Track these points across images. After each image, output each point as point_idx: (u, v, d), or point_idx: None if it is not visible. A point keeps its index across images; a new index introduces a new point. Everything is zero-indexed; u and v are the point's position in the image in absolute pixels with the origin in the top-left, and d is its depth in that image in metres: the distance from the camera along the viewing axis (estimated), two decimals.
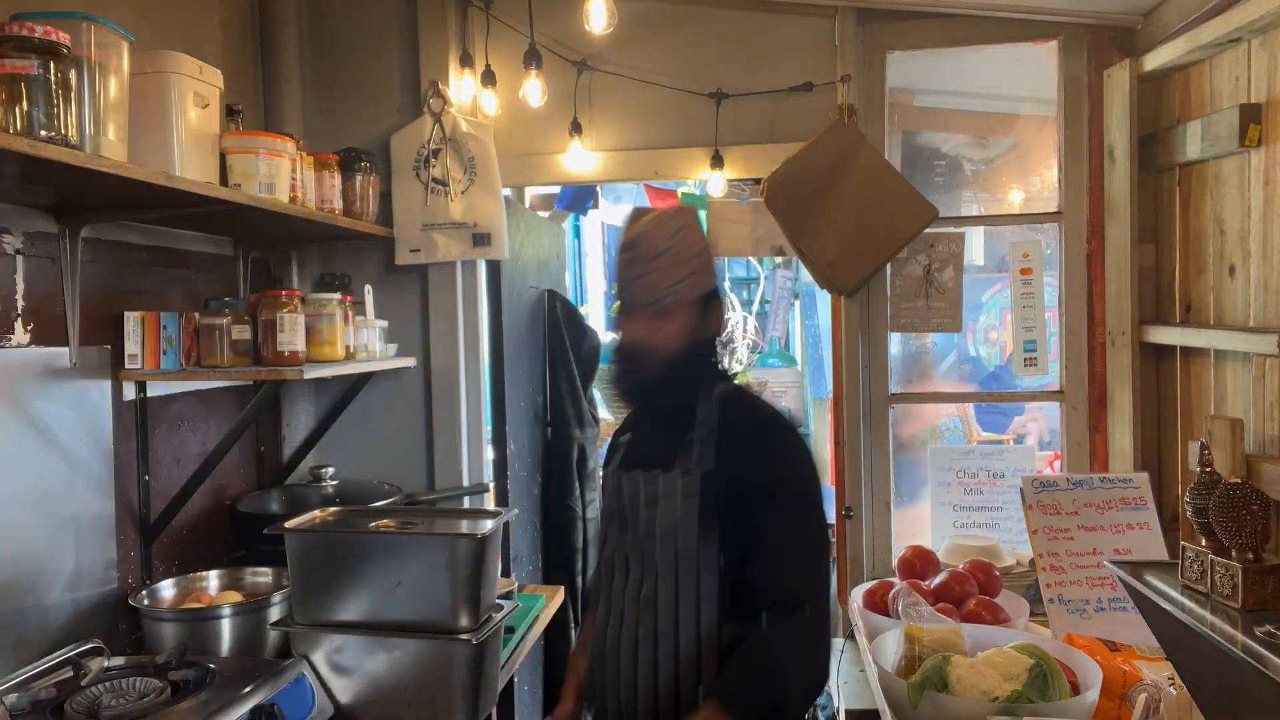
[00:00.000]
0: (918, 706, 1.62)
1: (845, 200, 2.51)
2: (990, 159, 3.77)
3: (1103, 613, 2.04)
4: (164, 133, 1.84)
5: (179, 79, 1.87)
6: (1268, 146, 1.83)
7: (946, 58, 2.76)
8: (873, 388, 2.65)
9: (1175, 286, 2.27)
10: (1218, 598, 1.26)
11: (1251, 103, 1.86)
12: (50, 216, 1.87)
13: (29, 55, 1.38)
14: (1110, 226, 2.46)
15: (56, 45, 1.41)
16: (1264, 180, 1.84)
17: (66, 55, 1.44)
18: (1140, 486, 2.15)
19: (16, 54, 1.38)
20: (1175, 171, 2.24)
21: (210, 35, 2.47)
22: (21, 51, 1.38)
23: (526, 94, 2.54)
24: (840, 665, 2.35)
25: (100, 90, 1.57)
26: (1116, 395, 2.44)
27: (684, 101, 2.69)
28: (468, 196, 2.70)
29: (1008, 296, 2.80)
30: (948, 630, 1.83)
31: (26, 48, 1.38)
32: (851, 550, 2.67)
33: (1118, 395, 2.43)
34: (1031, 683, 1.61)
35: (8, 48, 1.38)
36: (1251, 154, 1.88)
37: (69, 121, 1.45)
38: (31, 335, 1.85)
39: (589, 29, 2.23)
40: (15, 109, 1.38)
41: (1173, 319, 2.27)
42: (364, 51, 2.80)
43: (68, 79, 1.44)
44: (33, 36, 1.38)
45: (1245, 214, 1.91)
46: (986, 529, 2.56)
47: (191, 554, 2.31)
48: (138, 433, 2.13)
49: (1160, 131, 2.29)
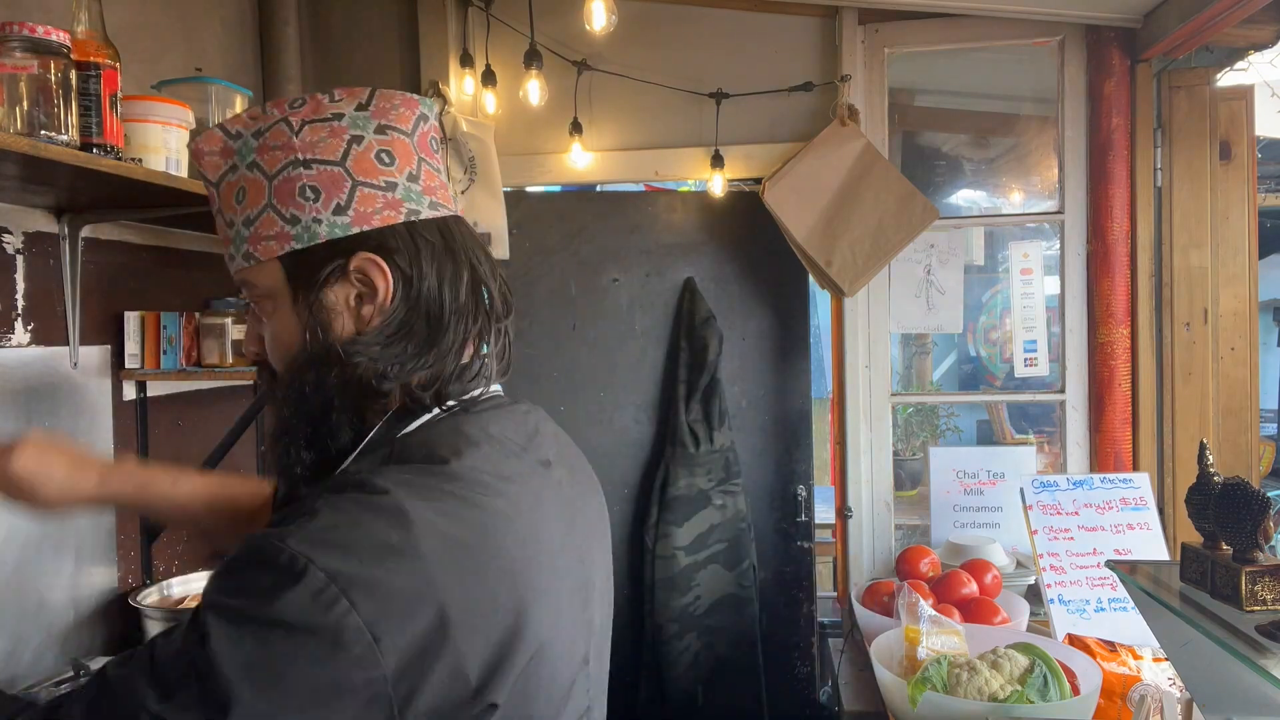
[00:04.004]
0: (918, 706, 1.62)
1: (845, 201, 2.51)
2: (990, 159, 3.78)
3: (1103, 613, 2.04)
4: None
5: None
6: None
7: (946, 58, 2.76)
8: (873, 388, 2.65)
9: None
10: (1218, 598, 1.26)
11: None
12: (50, 216, 1.87)
13: (29, 55, 1.38)
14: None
15: (57, 45, 1.41)
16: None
17: (67, 55, 1.44)
18: (1140, 486, 2.15)
19: (17, 54, 1.38)
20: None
21: (210, 35, 2.47)
22: (22, 51, 1.38)
23: (526, 94, 2.54)
24: (840, 665, 2.35)
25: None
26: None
27: (684, 101, 2.69)
28: (468, 196, 2.70)
29: (1008, 296, 2.80)
30: (948, 630, 1.83)
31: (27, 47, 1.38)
32: (852, 550, 2.67)
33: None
34: (1031, 683, 1.61)
35: (8, 47, 1.38)
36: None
37: (69, 121, 1.45)
38: (31, 335, 1.85)
39: (589, 28, 2.23)
40: (16, 109, 1.38)
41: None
42: (364, 51, 2.80)
43: (68, 79, 1.44)
44: (34, 36, 1.38)
45: None
46: (986, 529, 2.57)
47: (192, 554, 2.31)
48: (138, 433, 2.13)
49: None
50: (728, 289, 2.84)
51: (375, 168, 0.89)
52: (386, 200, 0.89)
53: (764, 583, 2.82)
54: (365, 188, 0.88)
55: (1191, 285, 2.48)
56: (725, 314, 2.81)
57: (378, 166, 0.89)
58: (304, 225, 0.87)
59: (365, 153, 0.89)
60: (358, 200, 0.87)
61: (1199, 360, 2.48)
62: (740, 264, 2.83)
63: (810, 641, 2.85)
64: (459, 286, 0.90)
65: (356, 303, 0.88)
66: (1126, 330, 2.49)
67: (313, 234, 0.87)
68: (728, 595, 2.77)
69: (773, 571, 2.84)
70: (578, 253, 2.87)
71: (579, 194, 3.06)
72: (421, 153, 0.93)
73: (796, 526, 2.84)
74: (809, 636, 2.85)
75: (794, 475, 2.84)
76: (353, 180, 0.88)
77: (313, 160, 0.87)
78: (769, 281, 2.82)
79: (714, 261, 2.84)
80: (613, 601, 1.04)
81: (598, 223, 2.87)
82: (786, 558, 2.85)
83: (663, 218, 2.86)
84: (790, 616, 2.85)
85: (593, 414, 2.86)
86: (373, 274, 0.87)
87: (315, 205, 0.87)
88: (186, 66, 2.33)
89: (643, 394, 2.86)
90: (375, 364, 0.87)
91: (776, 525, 2.85)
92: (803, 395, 2.86)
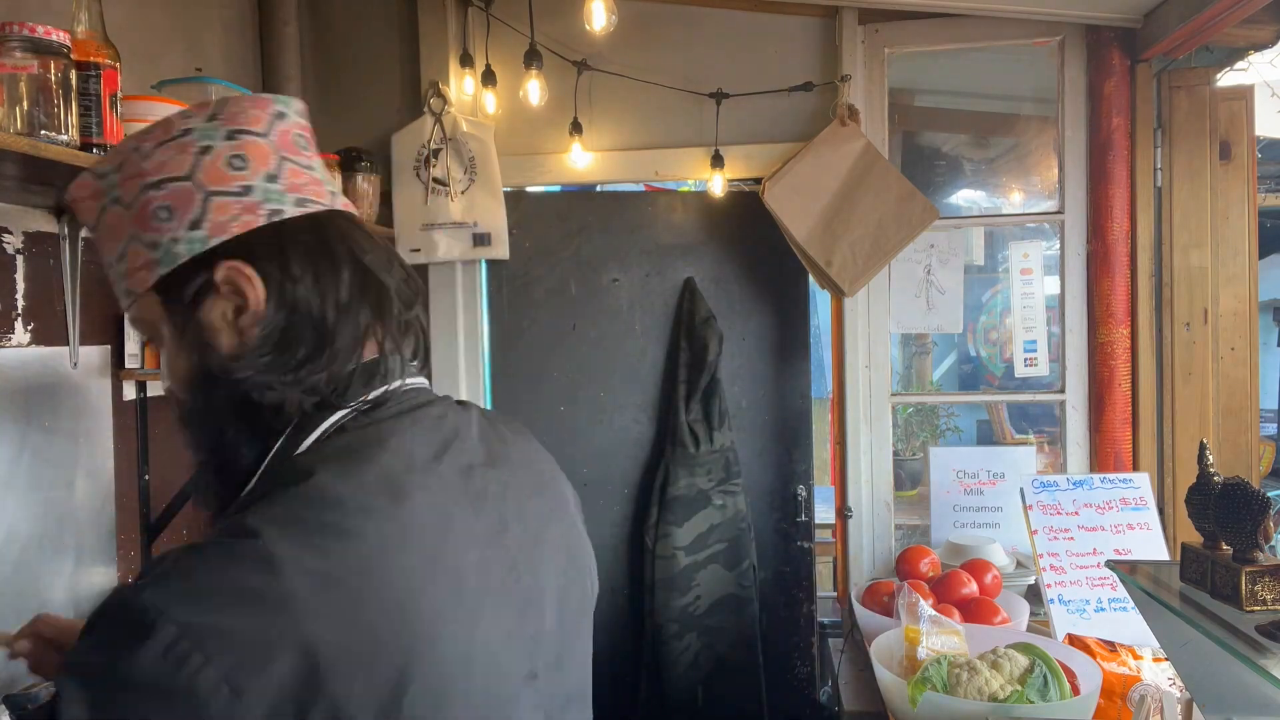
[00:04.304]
0: (918, 706, 1.62)
1: (845, 201, 2.51)
2: (990, 159, 3.78)
3: (1103, 613, 2.04)
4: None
5: None
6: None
7: (946, 58, 2.76)
8: (873, 388, 2.66)
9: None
10: (1218, 598, 1.26)
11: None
12: (50, 216, 1.87)
13: (29, 55, 1.38)
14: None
15: (57, 45, 1.41)
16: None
17: (67, 55, 1.44)
18: (1140, 486, 2.15)
19: (17, 54, 1.38)
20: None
21: (210, 35, 2.47)
22: (22, 51, 1.38)
23: (526, 94, 2.54)
24: (840, 665, 2.35)
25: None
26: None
27: (684, 101, 2.69)
28: (468, 196, 2.70)
29: (1008, 296, 2.80)
30: (948, 630, 1.83)
31: (27, 48, 1.38)
32: (852, 550, 2.67)
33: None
34: (1031, 683, 1.61)
35: (8, 47, 1.38)
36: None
37: (69, 121, 1.45)
38: (32, 335, 1.85)
39: (589, 28, 2.23)
40: (16, 109, 1.38)
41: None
42: (364, 51, 2.81)
43: (68, 79, 1.44)
44: (34, 36, 1.38)
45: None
46: (986, 529, 2.57)
47: None
48: (138, 433, 2.13)
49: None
50: (728, 289, 2.84)
51: (226, 174, 0.84)
52: (243, 205, 0.84)
53: (764, 583, 2.82)
54: (218, 197, 0.84)
55: (1191, 285, 2.48)
56: (725, 314, 2.81)
57: (228, 173, 0.84)
58: (164, 248, 0.83)
59: (214, 162, 0.84)
60: (212, 211, 0.83)
61: (1199, 360, 2.48)
62: (740, 264, 2.83)
63: (810, 641, 2.85)
64: (338, 283, 0.85)
65: (234, 316, 0.84)
66: (1126, 330, 2.49)
67: (174, 255, 0.83)
68: (728, 595, 2.77)
69: (773, 571, 2.84)
70: (578, 253, 2.87)
71: (579, 194, 3.06)
72: (283, 151, 0.88)
73: (796, 526, 2.84)
74: (809, 636, 2.85)
75: (794, 475, 2.84)
76: (204, 191, 0.83)
77: (163, 180, 0.83)
78: (769, 281, 2.82)
79: (714, 261, 2.84)
80: (591, 599, 0.99)
81: (598, 223, 2.87)
82: (786, 558, 2.85)
83: (663, 218, 2.86)
84: (790, 616, 2.85)
85: (593, 414, 2.86)
86: (240, 283, 0.83)
87: (170, 225, 0.83)
88: (186, 66, 2.33)
89: (643, 394, 2.86)
90: (260, 377, 0.83)
91: (776, 525, 2.85)
92: (803, 395, 2.86)
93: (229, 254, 0.83)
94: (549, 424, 2.86)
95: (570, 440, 2.86)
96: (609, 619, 2.85)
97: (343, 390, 0.85)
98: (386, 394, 0.88)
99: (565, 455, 2.86)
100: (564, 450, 2.86)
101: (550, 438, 2.86)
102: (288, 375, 0.83)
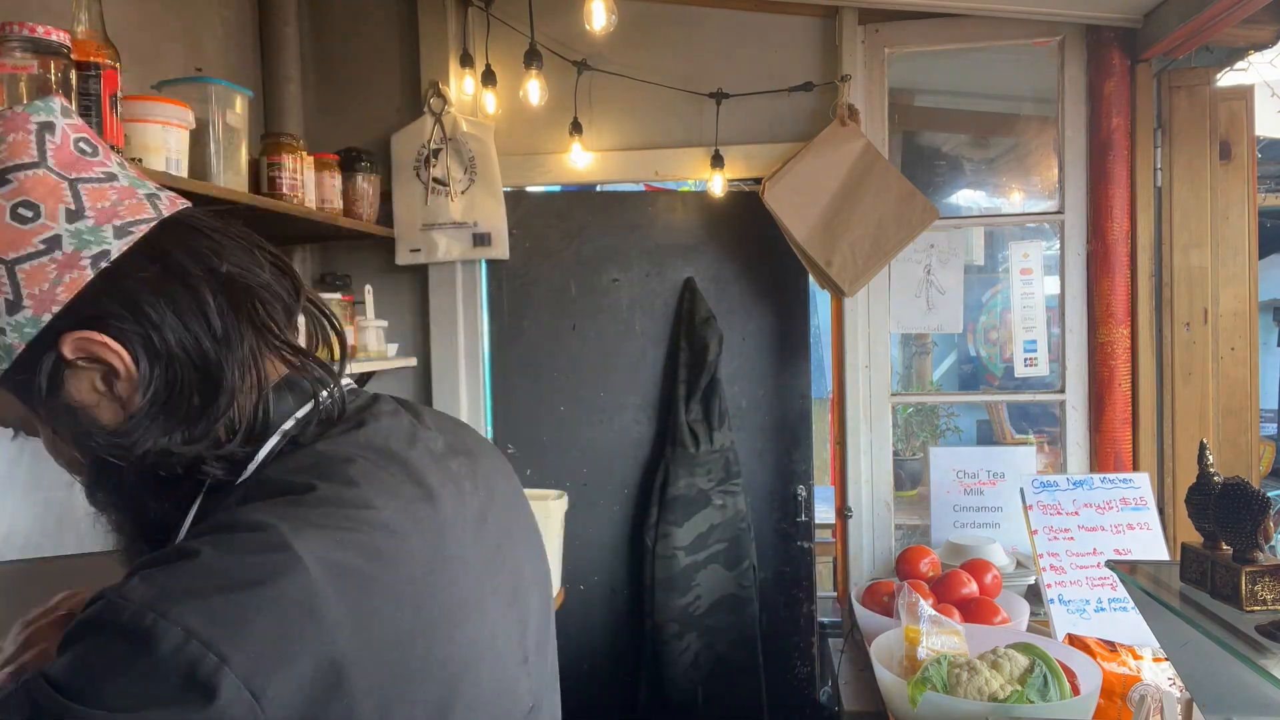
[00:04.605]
0: (918, 706, 1.62)
1: (845, 201, 2.51)
2: (990, 159, 3.78)
3: (1103, 613, 2.04)
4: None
5: None
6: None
7: (946, 58, 2.76)
8: (873, 388, 2.66)
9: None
10: (1218, 598, 1.26)
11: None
12: None
13: (29, 55, 1.38)
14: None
15: (57, 45, 1.41)
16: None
17: (67, 55, 1.44)
18: (1140, 486, 2.15)
19: (17, 54, 1.38)
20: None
21: (210, 35, 2.47)
22: (22, 51, 1.38)
23: (526, 94, 2.54)
24: (840, 665, 2.35)
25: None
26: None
27: (684, 101, 2.69)
28: (468, 196, 2.70)
29: (1008, 296, 2.80)
30: (948, 630, 1.83)
31: (27, 48, 1.38)
32: (852, 550, 2.67)
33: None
34: (1031, 683, 1.61)
35: (8, 47, 1.38)
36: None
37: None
38: None
39: (589, 28, 2.23)
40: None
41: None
42: (364, 51, 2.81)
43: (68, 79, 1.44)
44: (34, 36, 1.38)
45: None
46: (986, 529, 2.57)
47: None
48: None
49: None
50: (728, 289, 2.84)
51: (19, 233, 0.69)
52: (58, 264, 0.70)
53: (764, 583, 2.82)
54: (23, 264, 0.69)
55: (1191, 285, 2.48)
56: (725, 314, 2.81)
57: (20, 229, 0.69)
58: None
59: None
60: (24, 282, 0.69)
61: (1199, 360, 2.48)
62: (740, 264, 2.83)
63: (810, 641, 2.85)
64: (204, 310, 0.73)
65: (106, 385, 0.73)
66: (1126, 330, 2.49)
67: (8, 349, 0.70)
68: (728, 595, 2.77)
69: (773, 571, 2.84)
70: (578, 253, 2.87)
71: (579, 194, 3.06)
72: (70, 173, 0.72)
73: (796, 526, 2.84)
74: (809, 636, 2.85)
75: (794, 475, 2.84)
76: (3, 264, 0.69)
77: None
78: (769, 281, 2.82)
79: (714, 261, 2.84)
80: (550, 579, 0.95)
81: (598, 223, 2.87)
82: (786, 558, 2.85)
83: (663, 218, 2.86)
84: (790, 616, 2.85)
85: (593, 414, 2.86)
86: (96, 350, 0.71)
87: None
88: (186, 66, 2.33)
89: (643, 394, 2.86)
90: (161, 440, 0.73)
91: (776, 525, 2.85)
92: (803, 395, 2.86)
93: (70, 324, 0.70)
94: (549, 424, 2.86)
95: (570, 440, 2.86)
96: (609, 619, 2.85)
97: (264, 419, 0.76)
98: (330, 400, 0.80)
99: (565, 455, 2.86)
100: (564, 450, 2.87)
101: (550, 437, 2.87)
102: (189, 430, 0.74)
